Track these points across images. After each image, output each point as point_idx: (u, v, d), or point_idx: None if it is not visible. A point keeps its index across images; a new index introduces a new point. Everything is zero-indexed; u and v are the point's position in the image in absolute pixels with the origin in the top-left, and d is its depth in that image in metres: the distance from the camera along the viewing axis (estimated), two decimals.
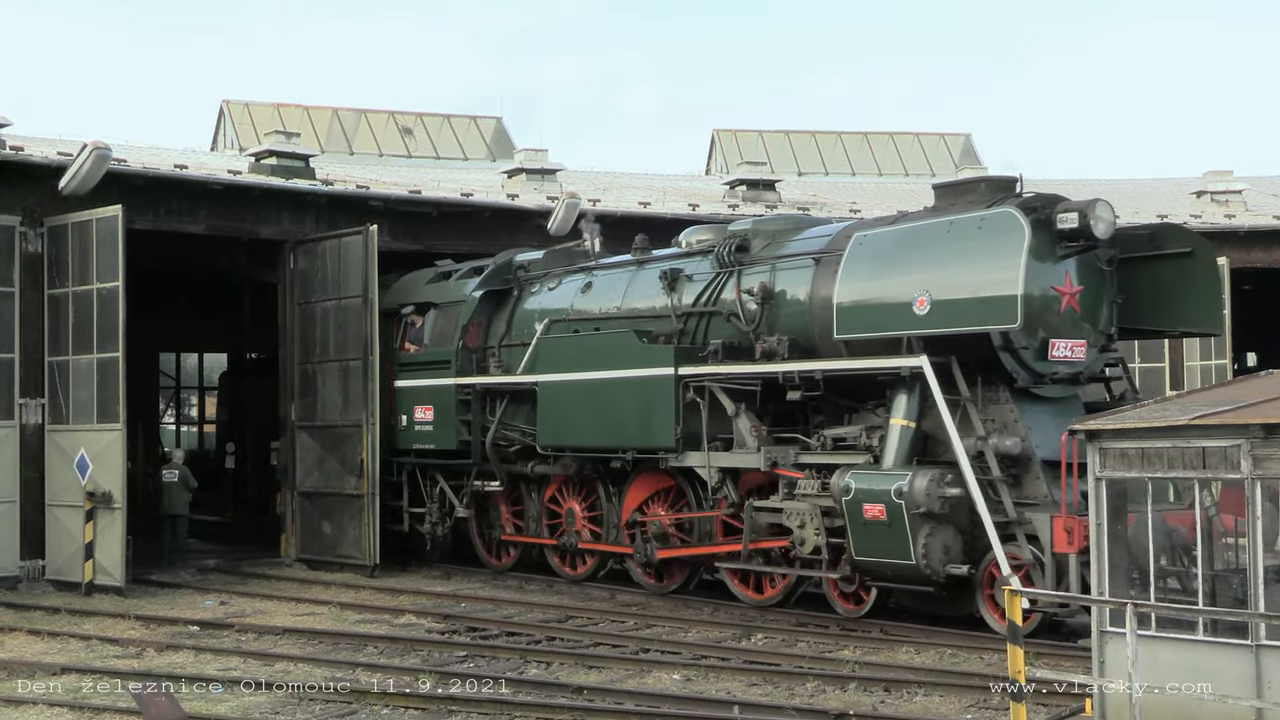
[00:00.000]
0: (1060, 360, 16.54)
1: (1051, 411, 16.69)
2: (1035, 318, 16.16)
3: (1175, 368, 29.94)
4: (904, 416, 16.49)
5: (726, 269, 19.27)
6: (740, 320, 18.74)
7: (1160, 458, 10.85)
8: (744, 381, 18.36)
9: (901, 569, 16.14)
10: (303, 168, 25.91)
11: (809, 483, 17.41)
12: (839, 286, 17.21)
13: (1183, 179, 35.87)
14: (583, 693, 13.96)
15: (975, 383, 16.51)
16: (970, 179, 18.06)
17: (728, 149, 39.34)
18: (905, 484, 15.81)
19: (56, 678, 15.24)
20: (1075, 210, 16.27)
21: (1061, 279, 16.51)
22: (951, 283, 16.17)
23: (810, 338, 17.98)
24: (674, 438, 18.78)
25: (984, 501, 15.52)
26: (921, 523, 15.78)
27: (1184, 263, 17.15)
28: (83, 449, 21.65)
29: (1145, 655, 10.27)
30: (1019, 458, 16.18)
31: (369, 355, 23.24)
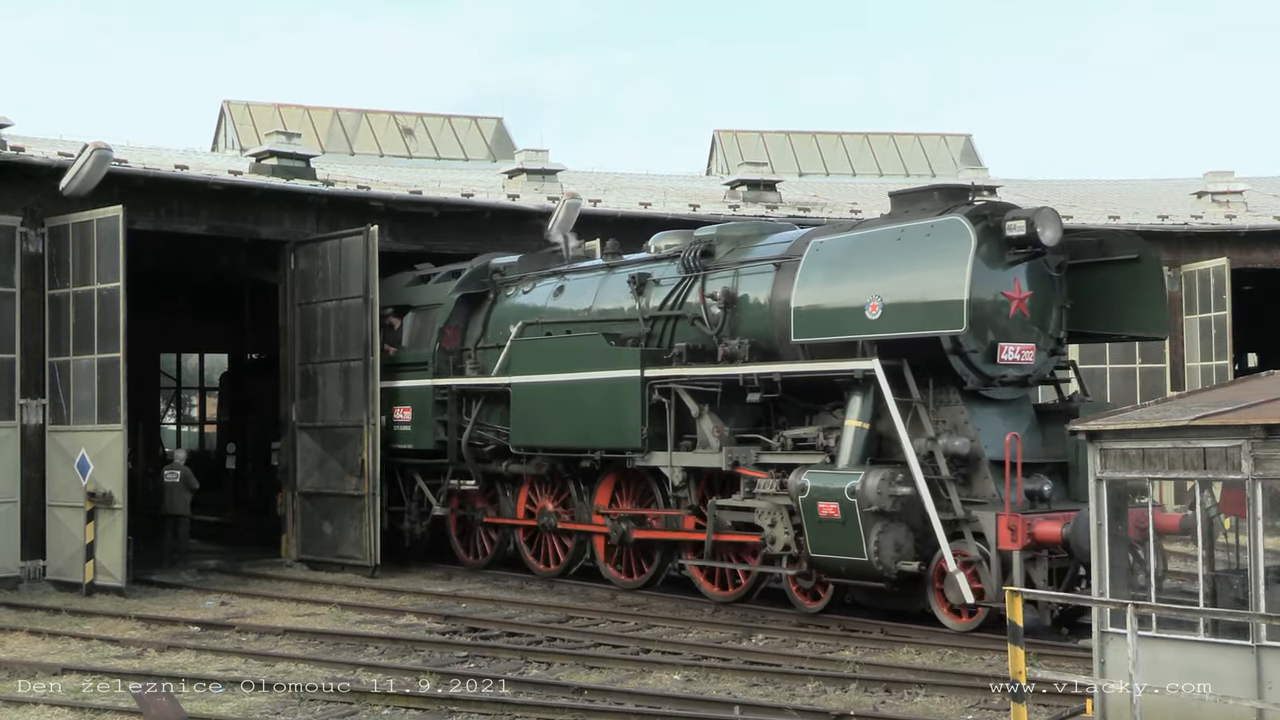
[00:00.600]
0: (1009, 363, 17.04)
1: (1001, 413, 17.27)
2: (984, 322, 16.70)
3: (1176, 368, 29.96)
4: (858, 418, 17.01)
5: (692, 274, 19.77)
6: (704, 324, 19.24)
7: (1161, 458, 10.83)
8: (706, 383, 18.83)
9: (855, 565, 16.64)
10: (303, 168, 25.90)
11: (769, 482, 17.88)
12: (796, 291, 17.78)
13: (1183, 179, 35.87)
14: (583, 693, 13.95)
15: (927, 385, 17.03)
16: (923, 188, 18.47)
17: (728, 149, 39.36)
18: (858, 483, 16.34)
19: (57, 678, 15.24)
20: (1023, 218, 16.72)
21: (1010, 284, 17.00)
22: (902, 288, 16.71)
23: (771, 341, 18.46)
24: (640, 438, 19.27)
25: (932, 500, 16.07)
26: (874, 520, 16.28)
27: (1131, 268, 17.65)
28: (83, 449, 21.66)
29: (1146, 656, 10.27)
30: (968, 458, 16.70)
31: (370, 356, 23.25)
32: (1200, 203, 32.66)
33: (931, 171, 39.34)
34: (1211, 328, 29.28)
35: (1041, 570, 15.95)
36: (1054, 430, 17.50)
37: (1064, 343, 17.92)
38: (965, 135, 41.79)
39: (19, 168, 22.06)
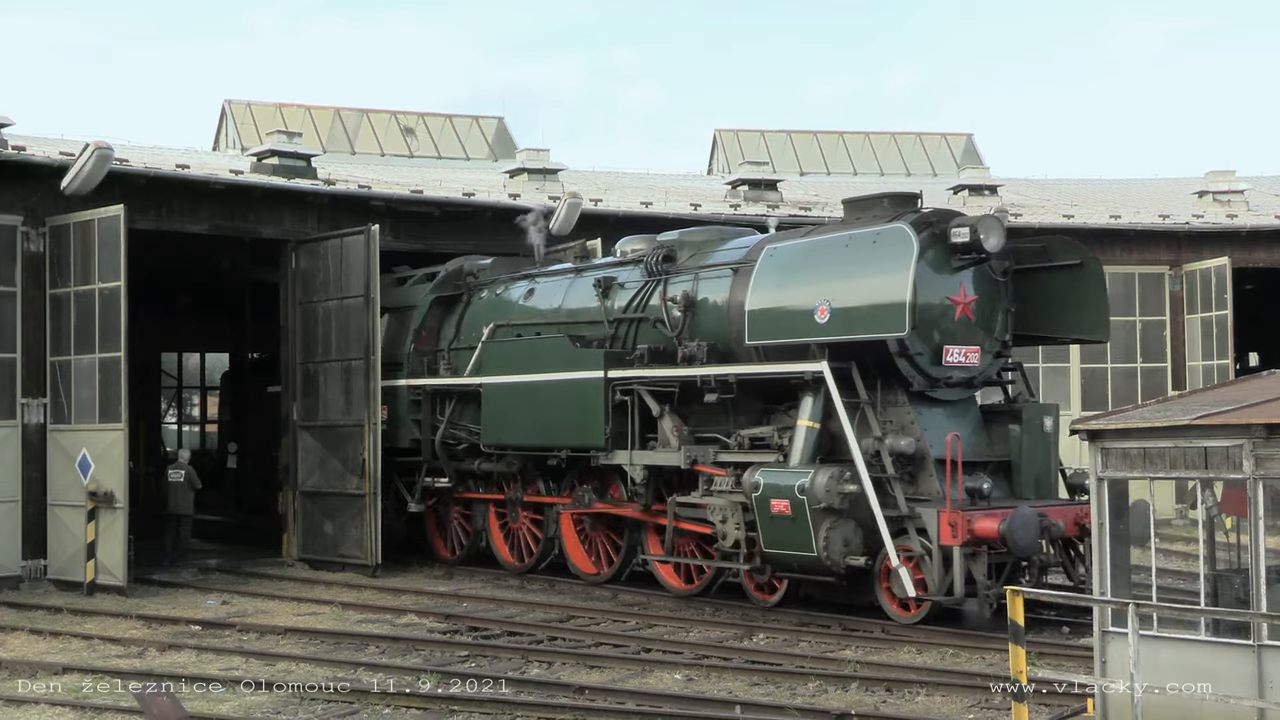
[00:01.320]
0: (954, 365, 17.65)
1: (948, 413, 17.86)
2: (929, 325, 17.35)
3: (1177, 367, 29.99)
4: (809, 418, 17.54)
5: (654, 278, 20.38)
6: (665, 326, 19.86)
7: (1162, 458, 10.82)
8: (666, 384, 19.46)
9: (805, 560, 17.17)
10: (305, 167, 25.90)
11: (726, 480, 18.41)
12: (750, 295, 18.35)
13: (1185, 179, 35.87)
14: (584, 693, 13.95)
15: (875, 386, 17.58)
16: (874, 196, 18.92)
17: (729, 149, 39.35)
18: (808, 481, 16.87)
19: (58, 677, 15.25)
20: (967, 225, 17.30)
21: (956, 289, 17.63)
22: (849, 293, 17.26)
23: (728, 343, 19.02)
24: (604, 437, 19.86)
25: (877, 497, 16.63)
26: (823, 517, 16.81)
27: (1074, 273, 18.23)
28: (85, 449, 21.66)
29: (1147, 655, 10.26)
30: (914, 456, 17.24)
31: (370, 355, 23.26)
32: (1202, 202, 32.66)
33: (933, 171, 39.33)
34: (1213, 327, 29.29)
35: (981, 565, 16.37)
36: (999, 430, 18.23)
37: (1009, 345, 18.47)
38: (967, 134, 41.78)
39: (20, 167, 22.06)
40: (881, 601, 17.30)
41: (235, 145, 35.00)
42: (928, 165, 39.91)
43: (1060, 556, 17.72)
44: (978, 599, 16.37)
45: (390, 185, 26.92)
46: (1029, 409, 18.36)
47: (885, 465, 16.95)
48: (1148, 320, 30.18)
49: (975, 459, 17.66)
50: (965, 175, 33.73)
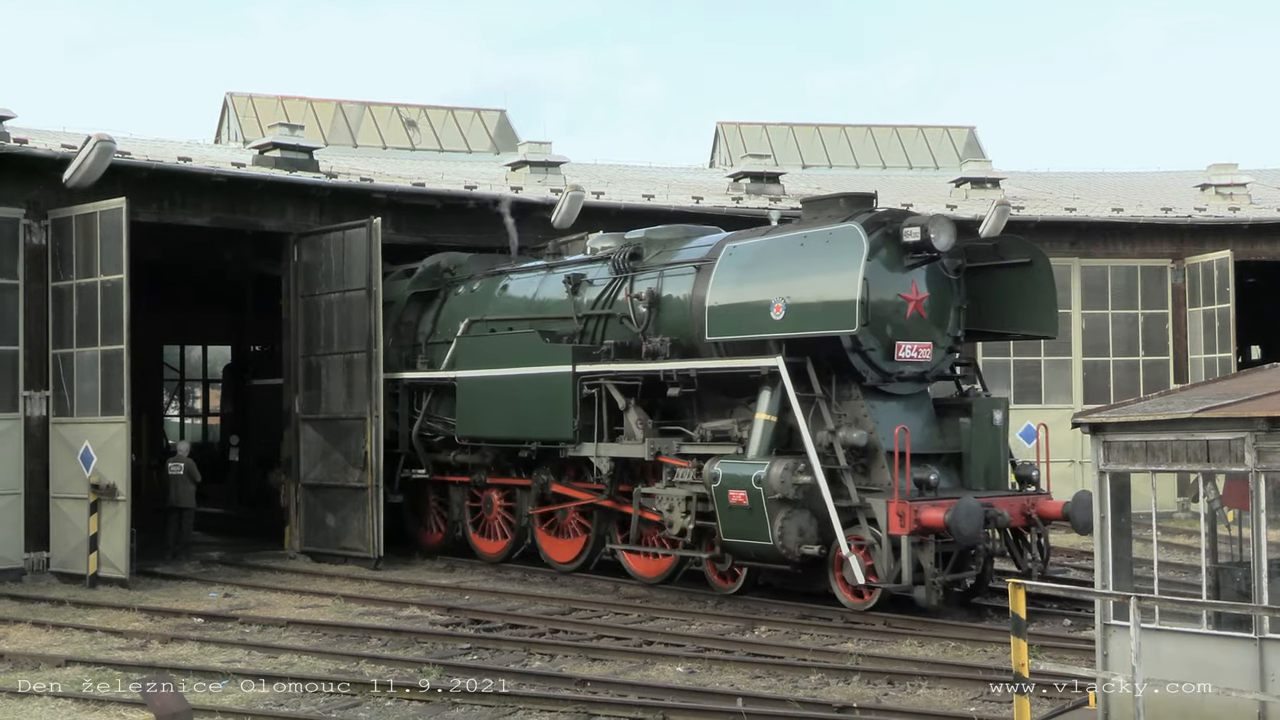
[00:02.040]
0: (907, 361, 18.19)
1: (902, 407, 18.38)
2: (882, 321, 17.89)
3: (1179, 360, 29.94)
4: (766, 411, 18.09)
5: (621, 275, 20.95)
6: (631, 322, 20.43)
7: (1164, 451, 10.79)
8: (631, 378, 20.06)
9: (762, 549, 17.72)
10: (306, 160, 25.85)
11: (687, 471, 19.00)
12: (710, 292, 19.02)
13: (1187, 172, 35.82)
14: (586, 685, 13.97)
15: (830, 381, 18.13)
16: (831, 196, 19.55)
17: (731, 142, 39.30)
18: (763, 472, 17.40)
19: (61, 670, 15.29)
20: (918, 225, 17.88)
21: (908, 287, 18.16)
22: (803, 290, 17.84)
23: (691, 338, 19.60)
24: (572, 430, 20.53)
25: (830, 488, 17.22)
26: (778, 507, 17.35)
27: (1024, 271, 18.79)
28: (87, 441, 21.68)
29: (1149, 648, 10.24)
30: (866, 449, 17.78)
31: (373, 348, 23.28)
32: (1204, 195, 32.61)
33: (935, 164, 39.29)
34: (1215, 320, 29.26)
35: (929, 553, 16.95)
36: (950, 423, 18.84)
37: (962, 341, 19.08)
38: (969, 128, 41.70)
39: (22, 160, 22.04)
40: (835, 589, 17.83)
41: (237, 138, 34.95)
42: (930, 158, 39.86)
43: (1008, 545, 18.32)
44: (925, 586, 16.89)
45: (392, 178, 26.88)
46: (978, 403, 18.84)
47: (838, 457, 17.45)
48: (1150, 313, 30.15)
49: (927, 451, 18.24)
50: (967, 168, 33.65)
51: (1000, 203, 28.80)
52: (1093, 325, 29.98)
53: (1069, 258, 29.89)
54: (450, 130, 37.60)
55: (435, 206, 25.83)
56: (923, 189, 33.39)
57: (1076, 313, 29.91)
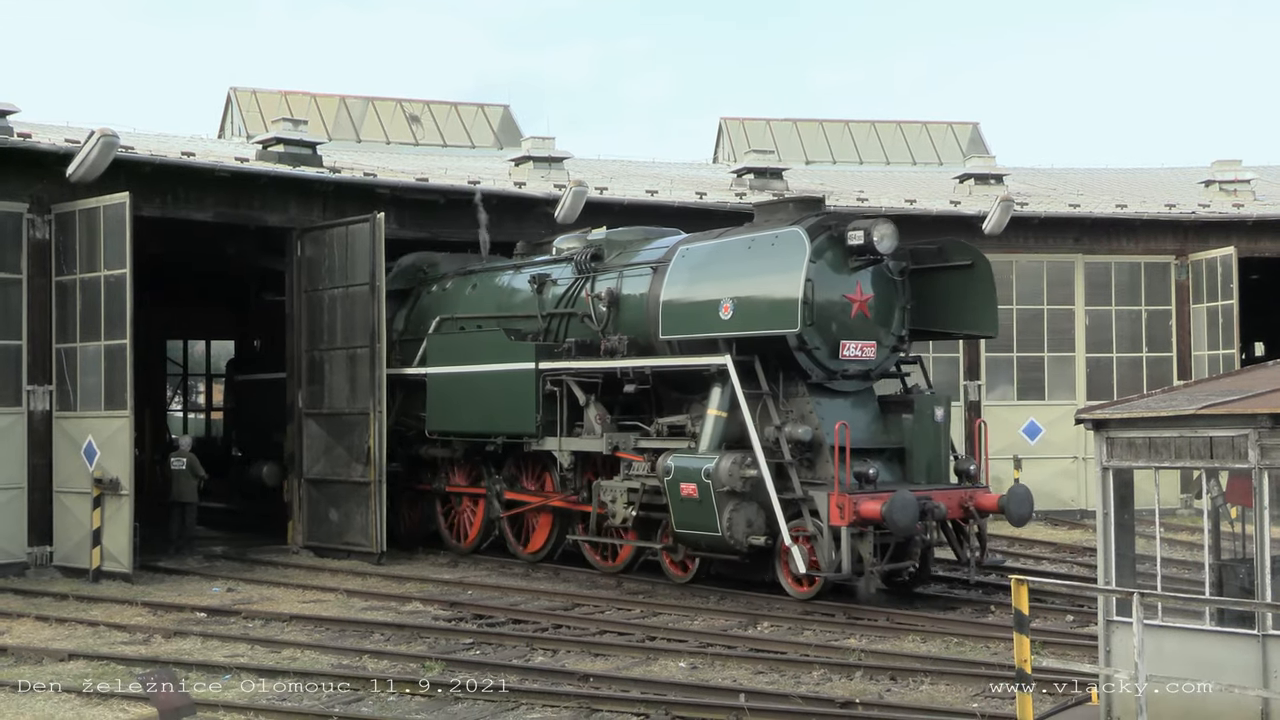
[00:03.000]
0: (851, 359, 18.92)
1: (848, 404, 19.10)
2: (826, 321, 18.58)
3: (1183, 357, 29.92)
4: (717, 407, 18.74)
5: (584, 275, 21.66)
6: (592, 321, 21.09)
7: (1167, 447, 10.79)
8: (591, 375, 20.81)
9: (712, 540, 18.42)
10: (310, 155, 25.84)
11: (642, 465, 19.70)
12: (664, 293, 19.75)
13: (1191, 168, 35.81)
14: (589, 680, 13.97)
15: (777, 378, 18.78)
16: (781, 200, 20.58)
17: (735, 137, 39.27)
18: (713, 466, 18.04)
19: (64, 664, 15.30)
20: (861, 229, 18.51)
21: (853, 288, 18.85)
22: (750, 291, 18.58)
23: (648, 337, 20.21)
24: (535, 425, 21.28)
25: (776, 481, 17.82)
26: (726, 499, 18.01)
27: (966, 273, 19.50)
28: (90, 436, 21.69)
29: (1151, 645, 10.24)
30: (811, 443, 18.40)
31: (376, 343, 23.28)
32: (1208, 191, 32.60)
33: (939, 160, 39.25)
34: (1219, 316, 29.24)
35: (868, 544, 17.54)
36: (894, 419, 19.42)
37: (906, 340, 19.62)
38: (973, 123, 41.66)
39: (26, 154, 22.04)
40: (780, 578, 18.44)
41: (241, 133, 34.94)
42: (934, 154, 39.82)
43: (949, 537, 18.77)
44: (865, 575, 17.61)
45: (396, 173, 26.88)
46: (920, 399, 19.40)
47: (783, 452, 18.02)
48: (1153, 310, 30.13)
49: (871, 446, 18.89)
50: (971, 164, 33.61)
51: (1004, 199, 28.79)
52: (1096, 322, 29.96)
53: (1073, 254, 29.90)
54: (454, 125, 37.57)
55: (438, 202, 25.81)
56: (926, 185, 33.38)
57: (1080, 309, 29.91)
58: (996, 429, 29.28)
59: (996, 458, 28.86)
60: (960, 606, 18.43)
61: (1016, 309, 29.68)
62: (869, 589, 17.91)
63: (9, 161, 22.00)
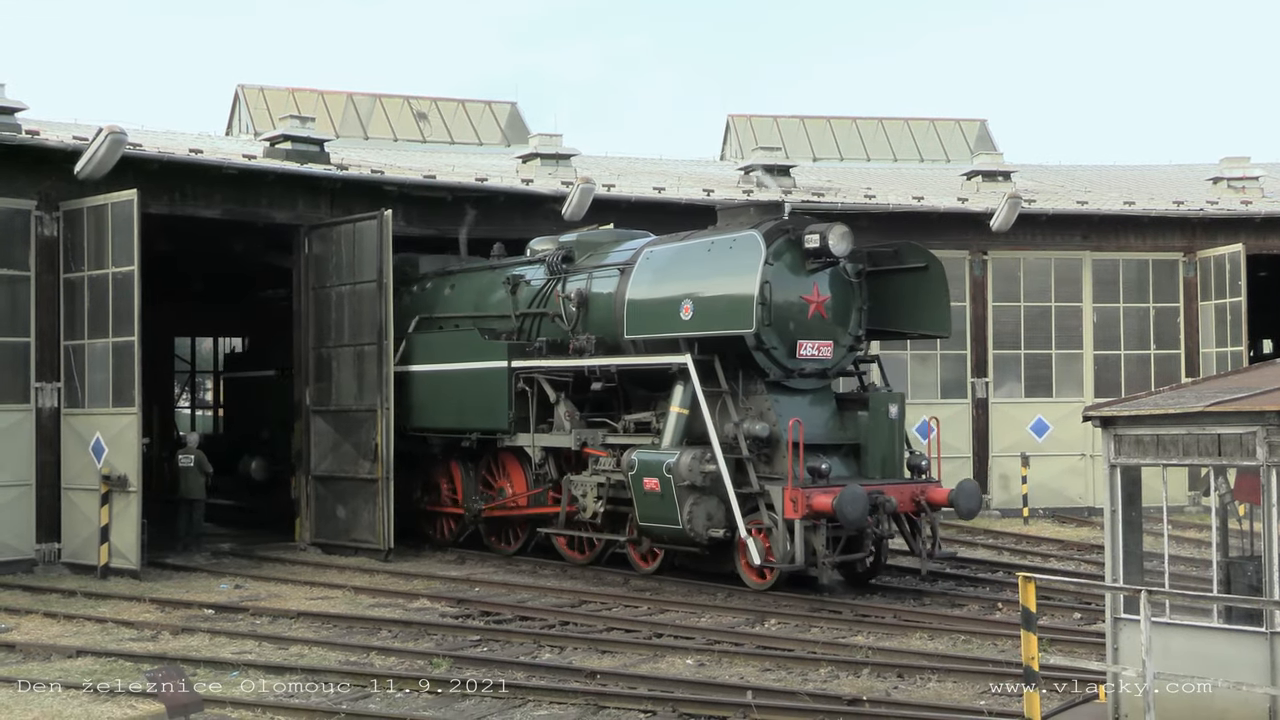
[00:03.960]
0: (808, 358, 19.52)
1: (807, 401, 19.73)
2: (784, 321, 19.17)
3: (1191, 354, 29.87)
4: (679, 404, 19.34)
5: (555, 276, 22.30)
6: (562, 321, 21.80)
7: (1175, 444, 10.75)
8: (560, 373, 21.50)
9: (673, 532, 19.11)
10: (317, 152, 25.84)
11: (608, 460, 20.42)
12: (628, 294, 20.42)
13: (1199, 165, 35.70)
14: (596, 677, 13.97)
15: (737, 377, 19.43)
16: (743, 204, 21.17)
17: (742, 134, 39.20)
18: (674, 461, 18.67)
19: (72, 660, 15.32)
20: (818, 232, 19.14)
21: (810, 289, 19.43)
22: (709, 293, 19.23)
23: (615, 337, 20.81)
24: (508, 421, 22.05)
25: (734, 476, 18.47)
26: (687, 494, 18.66)
27: (920, 275, 20.27)
28: (98, 432, 21.71)
29: (1159, 642, 10.22)
30: (769, 440, 18.99)
31: (383, 340, 23.29)
32: (1216, 188, 32.51)
33: (946, 156, 39.18)
34: (1227, 314, 29.18)
35: (820, 536, 18.11)
36: (850, 416, 20.07)
37: (863, 340, 20.33)
38: (980, 120, 41.55)
39: (34, 151, 22.06)
40: (739, 570, 19.08)
41: (248, 130, 34.92)
42: (941, 151, 39.74)
43: (901, 530, 19.33)
44: (818, 566, 18.08)
45: (403, 170, 26.87)
46: (875, 397, 20.00)
47: (741, 447, 18.63)
48: (1161, 307, 30.08)
49: (828, 442, 19.59)
50: (979, 161, 33.57)
51: (1011, 196, 28.76)
52: (1104, 319, 29.92)
53: (1080, 251, 29.87)
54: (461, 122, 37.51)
55: (446, 199, 25.81)
56: (934, 182, 33.33)
57: (1088, 306, 29.87)
58: (1004, 426, 29.39)
59: (1004, 455, 29.14)
60: (967, 604, 18.45)
61: (1024, 306, 29.67)
62: (822, 578, 18.34)
63: (17, 159, 22.02)
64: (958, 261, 29.43)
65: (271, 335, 30.81)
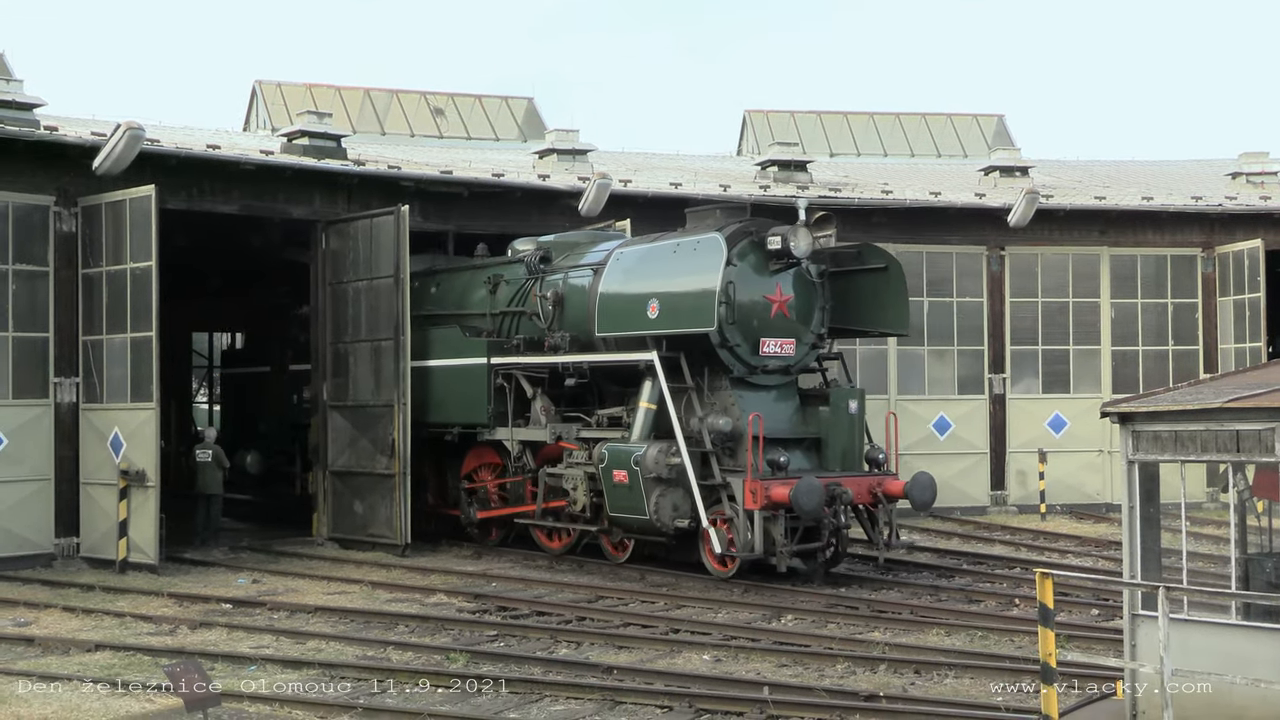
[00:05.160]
0: (771, 355, 20.27)
1: (772, 397, 20.46)
2: (747, 320, 19.89)
3: (1209, 350, 29.78)
4: (648, 400, 20.13)
5: (533, 276, 22.93)
6: (539, 319, 22.41)
7: (1193, 441, 10.73)
8: (537, 369, 22.33)
9: (642, 523, 19.87)
10: (335, 148, 25.85)
11: (581, 453, 21.21)
12: (599, 293, 21.13)
13: (1218, 160, 35.56)
14: (613, 673, 13.97)
15: (703, 373, 20.19)
16: (709, 207, 21.58)
17: (759, 129, 39.07)
18: (641, 454, 19.39)
19: (91, 655, 15.37)
20: (780, 234, 19.83)
21: (773, 289, 20.17)
22: (674, 292, 19.95)
23: (588, 335, 21.53)
24: (487, 416, 22.87)
25: (699, 468, 19.28)
26: (653, 485, 19.44)
27: (881, 275, 20.92)
28: (116, 428, 21.77)
29: (1177, 639, 10.20)
30: (732, 433, 19.56)
31: (400, 335, 23.32)
32: (1235, 184, 32.40)
33: (964, 152, 39.04)
34: (1245, 309, 29.10)
35: (779, 526, 18.77)
36: (812, 411, 20.80)
37: (825, 338, 21.02)
38: (998, 115, 41.36)
39: (52, 147, 22.11)
40: (704, 558, 19.75)
41: (266, 126, 34.89)
42: (958, 146, 39.59)
43: (860, 521, 19.99)
44: (777, 555, 18.71)
45: (420, 166, 26.85)
46: (836, 393, 20.74)
47: (705, 441, 19.35)
48: (1179, 303, 29.99)
49: (791, 436, 20.40)
50: (996, 156, 33.50)
51: (1029, 191, 28.69)
52: (1122, 315, 29.83)
53: (1098, 246, 29.79)
54: (478, 118, 37.41)
55: (462, 194, 25.83)
56: (951, 177, 33.25)
57: (1106, 302, 29.79)
58: (1021, 422, 29.34)
59: (1021, 451, 29.08)
60: (985, 600, 18.43)
61: (1042, 302, 29.60)
62: (780, 566, 18.93)
63: (36, 154, 22.08)
64: (975, 257, 29.40)
65: (267, 331, 31.17)
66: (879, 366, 28.66)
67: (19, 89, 22.43)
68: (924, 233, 28.87)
